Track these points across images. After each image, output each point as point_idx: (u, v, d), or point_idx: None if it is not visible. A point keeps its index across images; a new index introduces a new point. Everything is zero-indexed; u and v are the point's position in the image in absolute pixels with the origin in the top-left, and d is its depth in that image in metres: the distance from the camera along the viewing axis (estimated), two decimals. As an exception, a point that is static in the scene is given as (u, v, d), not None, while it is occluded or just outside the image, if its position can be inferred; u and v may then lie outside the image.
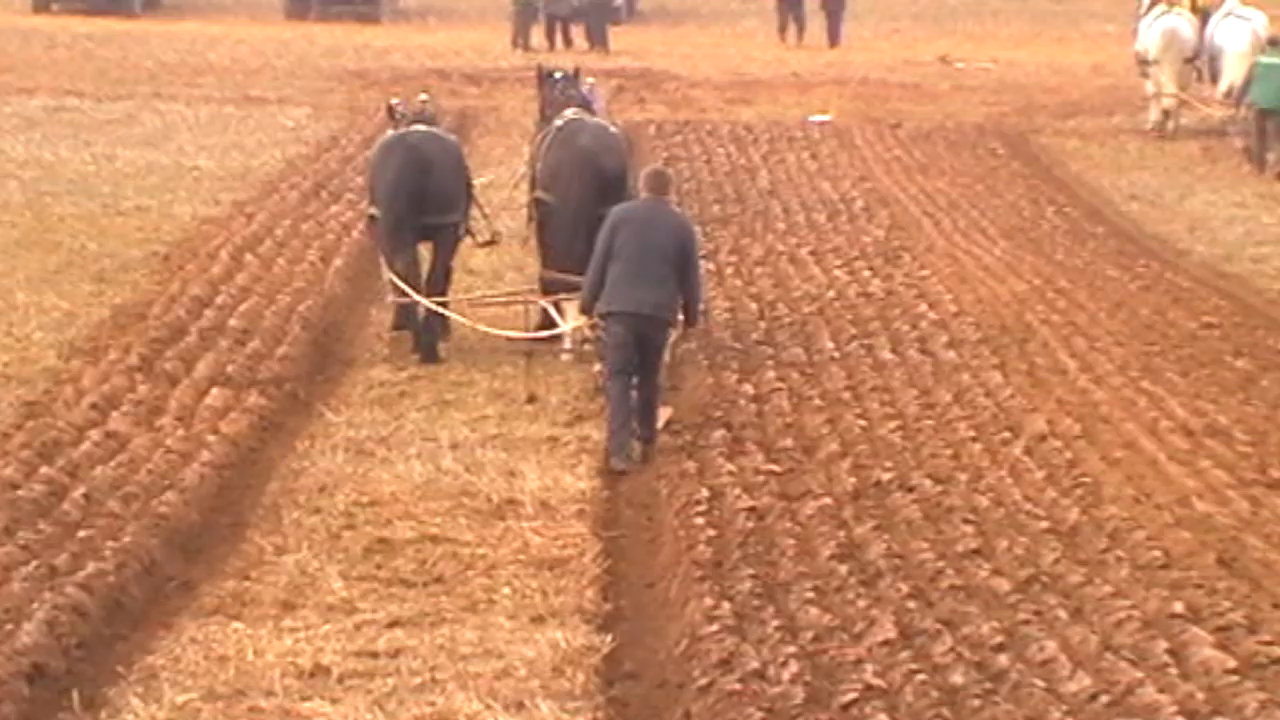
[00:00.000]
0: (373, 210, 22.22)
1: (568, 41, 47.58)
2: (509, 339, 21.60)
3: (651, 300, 17.95)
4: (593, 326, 19.30)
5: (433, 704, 12.09)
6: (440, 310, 21.61)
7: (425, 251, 22.06)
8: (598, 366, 19.45)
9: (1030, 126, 39.26)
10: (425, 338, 21.40)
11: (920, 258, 26.68)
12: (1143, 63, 40.11)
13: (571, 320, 20.84)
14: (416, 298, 21.23)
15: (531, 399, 20.00)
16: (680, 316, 18.86)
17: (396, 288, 21.49)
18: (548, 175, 21.97)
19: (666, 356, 19.37)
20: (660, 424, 18.54)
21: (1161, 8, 39.59)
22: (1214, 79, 38.23)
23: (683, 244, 18.43)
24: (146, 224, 27.01)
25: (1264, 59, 35.20)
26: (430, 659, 12.83)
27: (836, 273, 25.55)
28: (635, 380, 18.17)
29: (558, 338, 21.45)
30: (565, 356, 21.33)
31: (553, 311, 21.38)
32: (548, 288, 21.70)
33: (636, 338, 18.00)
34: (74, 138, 34.85)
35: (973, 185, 32.99)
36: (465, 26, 50.98)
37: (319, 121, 37.61)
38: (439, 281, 21.82)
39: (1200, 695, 12.32)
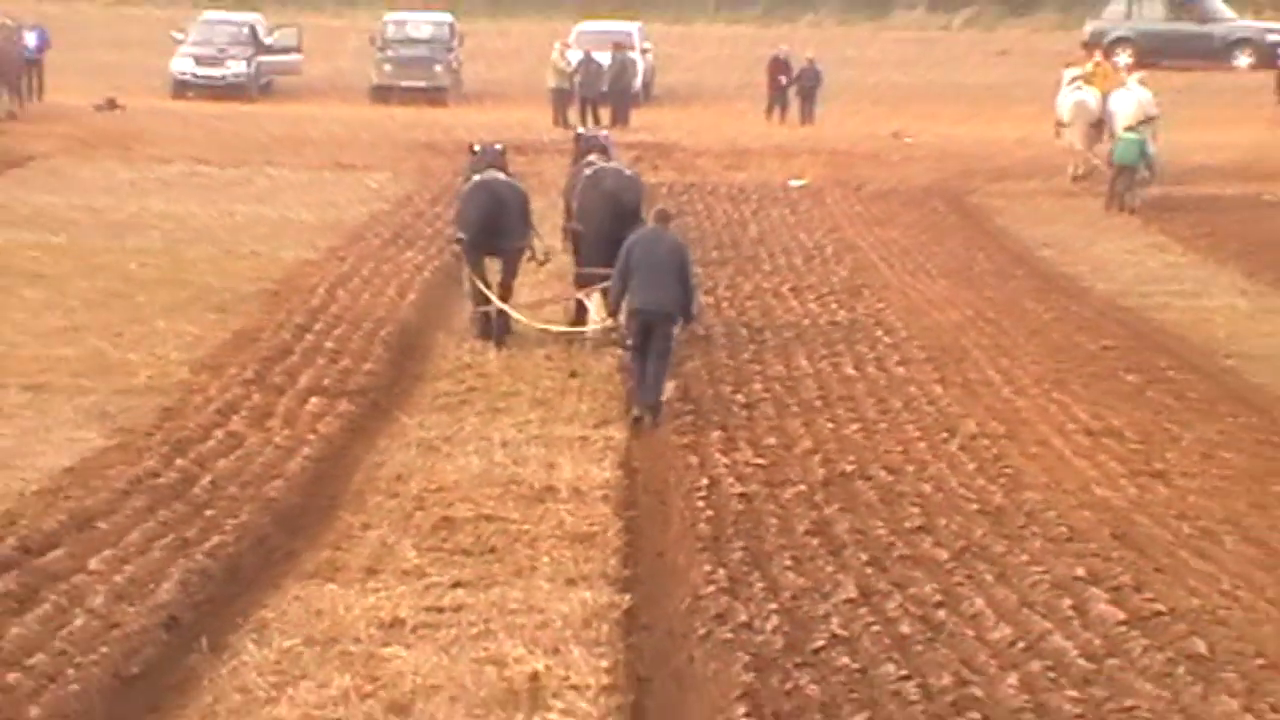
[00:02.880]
0: (460, 234, 23.11)
1: (596, 119, 47.50)
2: (553, 332, 22.72)
3: (658, 299, 19.06)
4: (615, 327, 20.80)
5: (487, 649, 12.16)
6: (504, 308, 22.59)
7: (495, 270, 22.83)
8: (620, 351, 20.51)
9: (966, 188, 39.22)
10: (496, 329, 22.48)
11: (877, 293, 26.66)
12: (1059, 125, 40.78)
13: (594, 314, 22.19)
14: (493, 299, 22.42)
15: (573, 374, 21.06)
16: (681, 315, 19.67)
17: (471, 284, 22.92)
18: (582, 210, 23.01)
19: (676, 334, 19.75)
20: (666, 394, 19.28)
21: (1076, 85, 40.35)
22: (1112, 137, 38.61)
23: (680, 259, 19.52)
24: (259, 265, 27.07)
25: (1124, 134, 36.47)
26: (485, 613, 12.90)
27: (811, 305, 25.54)
28: (650, 358, 19.07)
29: (585, 318, 22.63)
30: (589, 341, 22.33)
31: (588, 303, 22.53)
32: (581, 281, 22.96)
33: (648, 327, 19.05)
34: (202, 196, 34.87)
35: (919, 235, 32.96)
36: (514, 107, 50.87)
37: (396, 183, 37.65)
38: (505, 285, 22.86)
39: (1098, 642, 12.43)
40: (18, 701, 10.65)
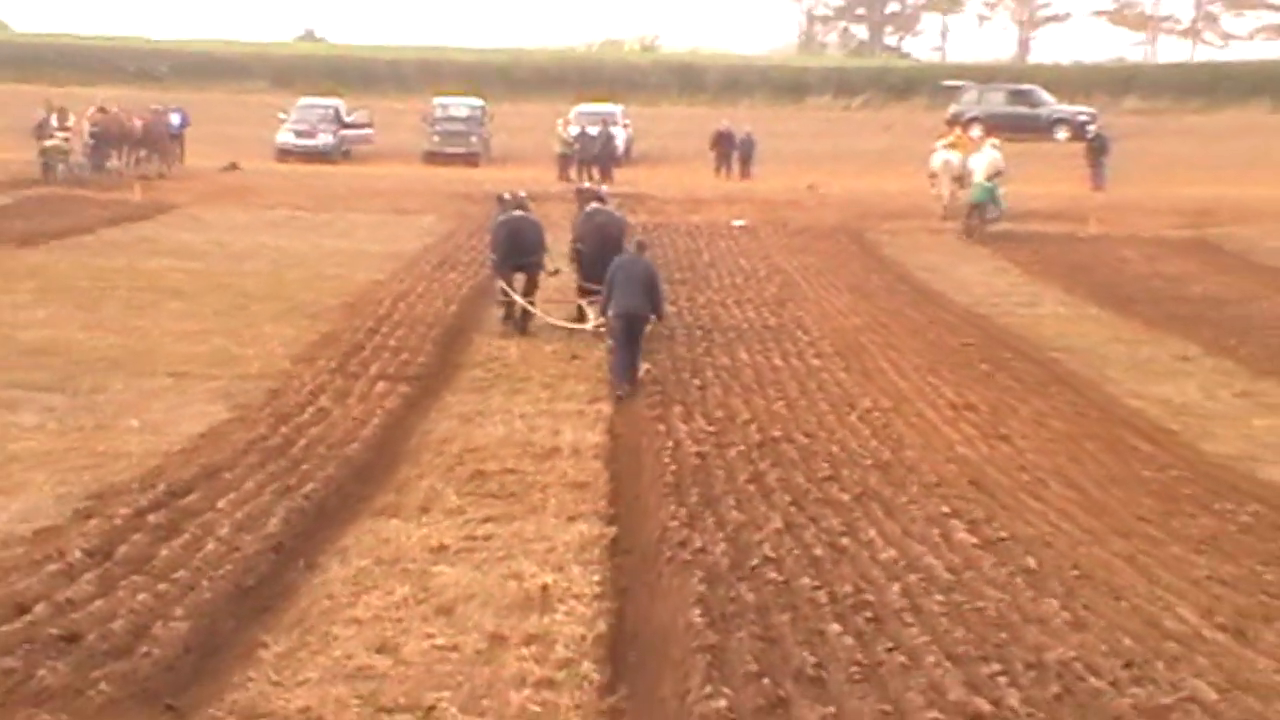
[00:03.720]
0: (493, 256, 24.04)
1: (590, 176, 47.56)
2: (558, 325, 23.28)
3: (634, 305, 19.42)
4: (603, 324, 20.85)
5: (509, 567, 12.20)
6: (528, 308, 23.34)
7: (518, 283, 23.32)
8: (609, 342, 20.38)
9: (863, 227, 39.28)
10: (518, 324, 23.25)
11: (798, 304, 26.74)
12: (932, 177, 41.47)
13: (591, 315, 22.52)
14: (515, 297, 23.22)
15: (573, 357, 21.36)
16: (653, 315, 20.01)
17: (502, 292, 23.55)
18: (583, 238, 23.52)
19: (646, 330, 20.12)
20: (641, 372, 19.57)
21: (942, 148, 41.42)
22: (965, 185, 39.63)
23: (651, 276, 19.94)
24: (340, 284, 27.06)
25: (980, 182, 37.95)
26: (508, 541, 12.94)
27: (749, 312, 25.60)
28: (628, 348, 19.43)
29: (584, 321, 23.03)
30: (590, 327, 22.65)
31: (585, 307, 23.07)
32: (582, 291, 23.48)
33: (628, 325, 19.32)
34: (298, 234, 34.89)
35: (830, 261, 33.03)
36: (528, 167, 50.79)
37: (441, 223, 37.64)
38: (528, 294, 23.50)
39: (958, 560, 12.54)
40: (166, 605, 10.71)
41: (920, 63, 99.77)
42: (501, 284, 23.56)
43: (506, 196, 24.90)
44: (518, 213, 23.85)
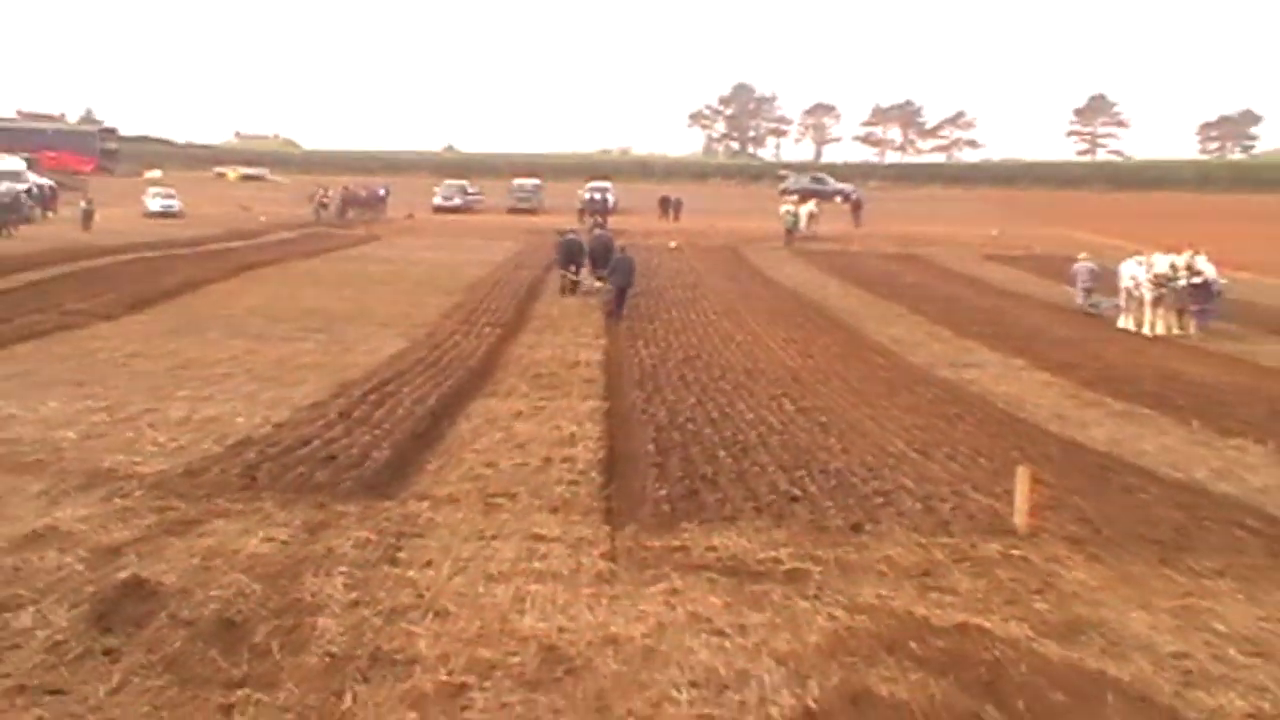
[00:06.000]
0: (556, 258, 24.17)
1: (595, 219, 47.05)
2: (583, 288, 23.19)
3: (625, 280, 20.22)
4: (605, 289, 21.02)
5: (554, 423, 12.10)
6: (575, 279, 23.27)
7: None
8: (606, 297, 20.62)
9: (738, 246, 39.05)
10: (570, 292, 23.15)
11: (702, 287, 26.51)
12: (782, 218, 41.37)
13: (600, 285, 22.35)
14: (570, 277, 23.21)
15: (588, 304, 21.62)
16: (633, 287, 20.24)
17: (562, 276, 23.44)
18: (591, 248, 23.92)
19: (630, 294, 20.23)
20: (622, 315, 19.73)
21: (787, 203, 42.26)
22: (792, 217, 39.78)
23: (633, 266, 20.68)
24: (464, 277, 26.76)
25: (788, 215, 39.43)
26: (554, 411, 12.81)
27: (677, 291, 25.38)
28: (621, 302, 19.73)
29: (596, 286, 22.74)
30: (597, 287, 22.52)
31: (596, 282, 22.85)
32: (596, 274, 23.30)
33: (620, 291, 19.89)
34: (443, 251, 34.40)
35: (720, 264, 32.79)
36: (563, 215, 50.20)
37: (516, 245, 37.11)
38: (575, 276, 23.38)
39: (785, 418, 12.47)
40: (378, 441, 10.65)
41: (767, 161, 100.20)
42: (561, 272, 23.76)
43: (565, 229, 25.22)
44: (571, 236, 24.46)
